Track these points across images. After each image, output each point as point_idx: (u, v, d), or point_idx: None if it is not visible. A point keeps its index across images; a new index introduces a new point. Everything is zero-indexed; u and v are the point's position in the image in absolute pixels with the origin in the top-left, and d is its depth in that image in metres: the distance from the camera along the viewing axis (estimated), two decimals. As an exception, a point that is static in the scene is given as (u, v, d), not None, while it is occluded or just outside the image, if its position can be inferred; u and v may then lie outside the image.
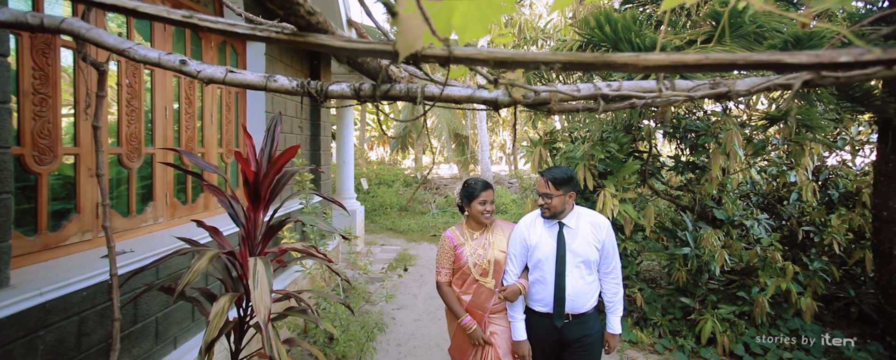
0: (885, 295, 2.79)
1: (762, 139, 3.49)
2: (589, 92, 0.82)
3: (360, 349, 3.25)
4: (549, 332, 2.09)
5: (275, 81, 0.82)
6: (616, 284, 2.10)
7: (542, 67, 0.54)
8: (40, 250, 1.87)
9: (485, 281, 2.15)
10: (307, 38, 0.55)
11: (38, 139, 1.87)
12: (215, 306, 1.78)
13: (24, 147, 1.80)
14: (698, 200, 4.00)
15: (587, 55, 0.54)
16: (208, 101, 3.20)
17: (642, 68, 0.54)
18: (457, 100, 0.79)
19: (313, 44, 0.55)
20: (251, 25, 0.56)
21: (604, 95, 0.83)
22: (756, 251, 3.63)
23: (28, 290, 1.55)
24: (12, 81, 1.71)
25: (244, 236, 2.09)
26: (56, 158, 1.96)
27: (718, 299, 3.77)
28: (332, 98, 0.82)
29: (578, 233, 2.04)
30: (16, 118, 1.77)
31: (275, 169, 2.02)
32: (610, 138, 3.28)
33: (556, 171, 2.05)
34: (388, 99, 0.77)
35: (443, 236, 2.27)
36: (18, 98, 1.77)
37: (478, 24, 0.49)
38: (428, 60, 0.54)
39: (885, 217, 2.68)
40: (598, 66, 0.54)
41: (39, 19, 0.75)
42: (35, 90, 1.85)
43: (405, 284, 5.34)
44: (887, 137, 2.59)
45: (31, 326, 1.56)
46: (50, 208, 1.95)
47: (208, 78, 0.79)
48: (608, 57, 0.54)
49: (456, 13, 0.48)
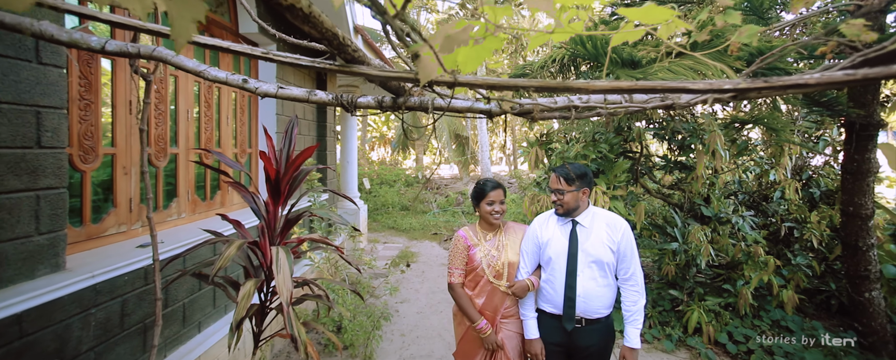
0: (852, 284, 3.00)
1: (745, 140, 3.70)
2: (564, 103, 1.04)
3: (366, 337, 3.46)
4: (557, 335, 2.01)
5: (315, 94, 1.03)
6: (636, 292, 1.95)
7: (521, 90, 0.76)
8: (85, 239, 2.09)
9: (499, 284, 2.10)
10: (353, 68, 0.77)
11: (83, 140, 2.08)
12: (242, 289, 1.99)
13: (72, 148, 2.02)
14: (688, 198, 4.22)
15: (553, 82, 0.76)
16: (225, 104, 3.42)
17: (592, 91, 0.76)
18: (459, 110, 1.01)
19: (358, 72, 0.76)
20: (313, 59, 0.77)
21: (575, 106, 1.04)
22: (741, 246, 3.84)
23: (82, 273, 1.77)
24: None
25: (264, 227, 2.31)
26: (97, 158, 2.17)
27: (705, 291, 3.98)
28: (360, 108, 1.04)
29: (592, 232, 1.96)
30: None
31: (293, 167, 2.24)
32: (601, 139, 3.50)
33: (568, 166, 2.00)
34: (406, 110, 0.98)
35: (456, 235, 2.21)
36: (68, 104, 1.99)
37: (474, 62, 0.71)
38: (440, 85, 0.76)
39: (851, 212, 2.90)
40: (561, 90, 0.76)
41: (137, 49, 0.96)
42: (80, 97, 2.07)
43: (407, 279, 5.55)
44: (852, 138, 2.80)
45: (86, 304, 1.78)
46: (92, 202, 2.16)
47: (264, 93, 1.01)
48: (569, 83, 0.76)
49: (459, 55, 0.70)
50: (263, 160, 2.10)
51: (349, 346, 3.46)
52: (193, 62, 0.98)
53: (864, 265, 2.92)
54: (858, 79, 0.71)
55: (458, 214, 10.33)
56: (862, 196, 2.85)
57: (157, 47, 0.97)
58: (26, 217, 1.62)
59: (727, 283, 3.98)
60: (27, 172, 1.62)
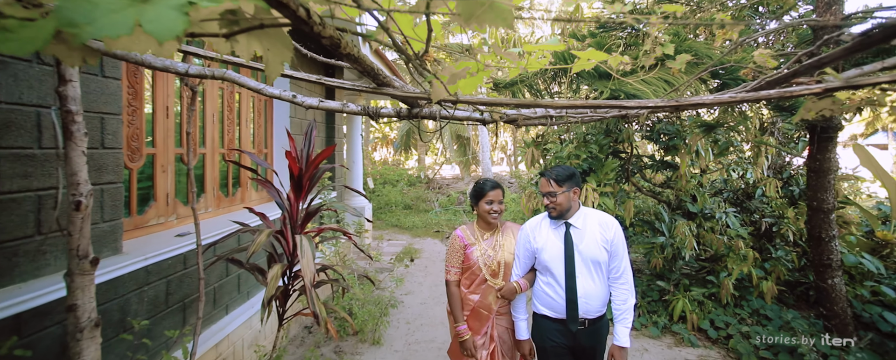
0: (817, 272, 3.28)
1: (726, 141, 3.98)
2: (542, 113, 1.33)
3: (375, 323, 3.75)
4: (562, 338, 2.00)
5: (348, 106, 1.32)
6: (626, 290, 1.98)
7: (504, 108, 1.04)
8: (132, 228, 2.38)
9: (494, 282, 2.14)
10: (384, 90, 1.05)
11: (130, 142, 2.38)
12: (270, 272, 2.28)
13: (123, 148, 2.31)
14: (676, 195, 4.50)
15: (528, 101, 1.05)
16: (245, 107, 3.71)
17: (556, 107, 1.05)
18: (460, 119, 1.30)
19: (387, 94, 1.05)
20: (354, 83, 1.05)
21: (551, 116, 1.33)
22: (724, 240, 4.11)
23: (136, 255, 2.06)
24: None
25: (286, 218, 2.60)
26: (141, 157, 2.47)
27: (690, 282, 4.25)
28: (383, 117, 1.33)
29: (586, 233, 1.98)
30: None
31: (313, 166, 2.53)
32: (592, 140, 3.78)
33: (558, 169, 2.02)
34: (419, 118, 1.27)
35: (453, 235, 2.24)
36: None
37: (471, 87, 1.00)
38: (446, 101, 1.05)
39: (815, 206, 3.17)
40: (532, 106, 1.05)
41: (212, 72, 1.25)
42: (128, 103, 2.36)
43: (411, 273, 5.84)
44: (814, 140, 3.08)
45: (140, 282, 2.07)
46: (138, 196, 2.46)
47: (308, 105, 1.29)
48: (539, 101, 1.04)
49: (460, 84, 0.99)
50: (288, 159, 2.39)
51: (359, 331, 3.75)
52: (254, 82, 1.27)
53: (827, 255, 3.20)
54: (746, 99, 1.00)
55: (459, 212, 10.62)
56: (824, 192, 3.13)
57: (227, 71, 1.26)
58: (94, 208, 1.91)
59: (711, 274, 4.26)
60: (94, 169, 1.92)
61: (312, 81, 1.15)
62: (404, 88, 1.12)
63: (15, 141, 1.59)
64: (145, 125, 2.52)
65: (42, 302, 1.59)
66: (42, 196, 1.68)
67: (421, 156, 16.99)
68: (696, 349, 3.67)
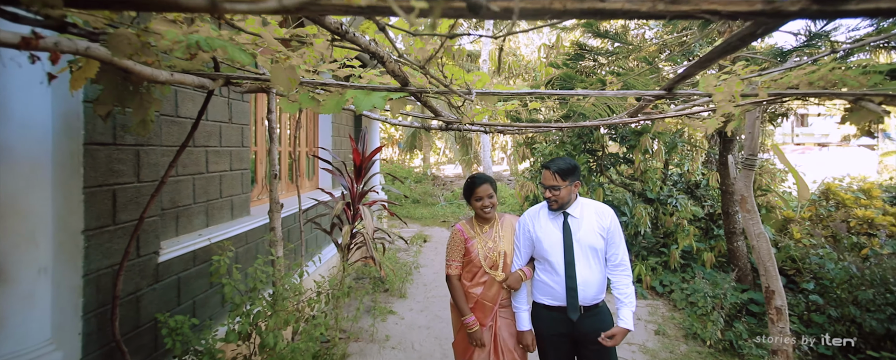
0: (728, 238, 4.41)
1: (672, 141, 5.10)
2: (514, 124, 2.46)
3: (401, 281, 4.89)
4: (562, 326, 2.04)
5: (414, 123, 2.46)
6: (626, 276, 2.03)
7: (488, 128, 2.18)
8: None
9: (495, 274, 2.16)
10: (438, 117, 2.18)
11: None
12: (345, 228, 3.42)
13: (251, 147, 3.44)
14: (641, 185, 5.62)
15: (512, 123, 2.19)
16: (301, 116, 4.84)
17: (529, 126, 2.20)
18: (472, 130, 2.43)
19: (441, 119, 2.16)
20: (424, 112, 2.15)
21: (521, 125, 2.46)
22: (673, 221, 5.24)
23: (257, 216, 3.19)
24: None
25: (347, 196, 3.73)
26: (250, 152, 3.60)
27: (647, 253, 5.38)
28: (433, 129, 2.45)
29: (583, 222, 2.02)
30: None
31: (368, 159, 3.67)
32: (567, 141, 4.91)
33: (561, 162, 2.03)
34: (452, 130, 2.39)
35: (453, 229, 2.29)
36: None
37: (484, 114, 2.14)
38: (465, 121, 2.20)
39: (724, 190, 4.30)
40: (506, 126, 2.18)
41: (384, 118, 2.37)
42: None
43: (424, 252, 6.98)
44: (721, 140, 4.21)
45: (260, 235, 3.21)
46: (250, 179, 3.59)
47: (385, 119, 2.42)
48: (516, 124, 2.19)
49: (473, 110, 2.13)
50: (354, 154, 3.53)
51: (388, 289, 4.89)
52: (376, 115, 2.41)
53: (733, 225, 4.33)
54: (622, 121, 2.13)
55: (462, 206, 11.75)
56: (728, 179, 4.28)
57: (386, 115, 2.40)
58: (237, 184, 3.04)
59: (664, 247, 5.38)
60: (237, 159, 3.05)
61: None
62: (445, 114, 2.25)
63: (208, 142, 2.72)
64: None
65: (243, 230, 2.74)
66: (222, 176, 2.82)
67: (426, 155, 18.12)
68: (647, 300, 4.80)
